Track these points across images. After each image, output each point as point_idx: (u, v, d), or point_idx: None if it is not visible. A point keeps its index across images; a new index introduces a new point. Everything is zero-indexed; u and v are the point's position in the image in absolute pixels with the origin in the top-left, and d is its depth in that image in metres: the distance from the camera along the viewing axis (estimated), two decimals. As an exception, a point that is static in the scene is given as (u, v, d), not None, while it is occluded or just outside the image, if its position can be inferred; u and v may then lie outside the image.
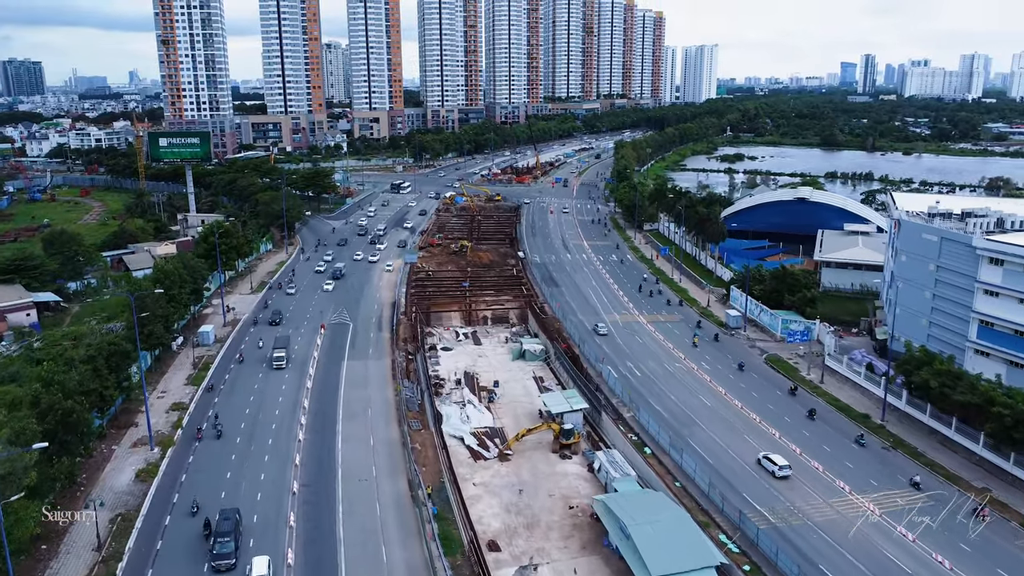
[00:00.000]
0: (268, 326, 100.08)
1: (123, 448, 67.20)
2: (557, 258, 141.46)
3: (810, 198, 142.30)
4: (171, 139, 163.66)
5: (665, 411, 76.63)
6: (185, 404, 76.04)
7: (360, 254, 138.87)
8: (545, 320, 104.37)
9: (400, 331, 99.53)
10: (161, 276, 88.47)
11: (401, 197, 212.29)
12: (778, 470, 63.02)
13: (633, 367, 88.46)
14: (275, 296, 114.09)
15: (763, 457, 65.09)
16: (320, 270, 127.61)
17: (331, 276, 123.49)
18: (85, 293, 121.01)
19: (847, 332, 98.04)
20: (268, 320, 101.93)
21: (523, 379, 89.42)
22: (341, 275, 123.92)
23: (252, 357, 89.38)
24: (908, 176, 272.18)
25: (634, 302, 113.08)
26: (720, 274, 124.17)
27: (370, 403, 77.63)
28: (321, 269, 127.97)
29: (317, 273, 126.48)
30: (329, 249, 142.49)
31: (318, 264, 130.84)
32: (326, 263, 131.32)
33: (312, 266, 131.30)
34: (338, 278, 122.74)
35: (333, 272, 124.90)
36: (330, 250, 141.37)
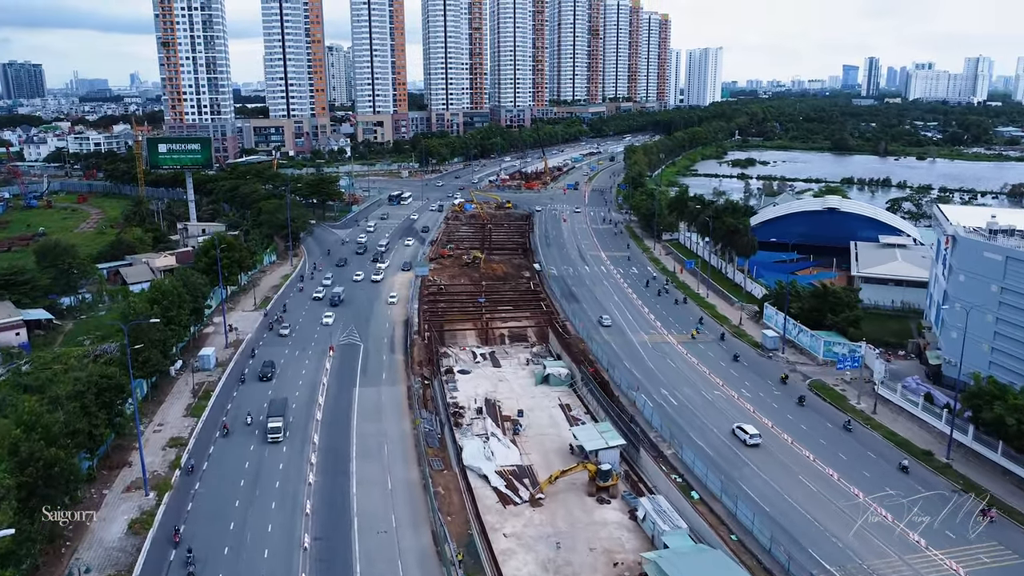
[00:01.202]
0: (258, 382, 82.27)
1: (115, 493, 60.67)
2: (575, 270, 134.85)
3: (841, 208, 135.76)
4: (170, 145, 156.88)
5: (709, 447, 70.06)
6: (184, 439, 69.47)
7: (360, 274, 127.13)
8: (568, 340, 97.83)
9: (414, 352, 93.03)
10: (158, 296, 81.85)
11: (401, 210, 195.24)
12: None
13: (668, 394, 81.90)
14: (265, 340, 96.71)
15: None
16: (318, 296, 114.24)
17: (329, 303, 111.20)
18: (79, 309, 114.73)
19: (893, 354, 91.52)
20: (257, 374, 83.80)
21: (549, 407, 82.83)
22: (340, 301, 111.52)
23: (240, 427, 72.44)
24: (926, 182, 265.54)
25: (662, 320, 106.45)
26: (750, 289, 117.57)
27: (386, 438, 71.09)
28: (319, 295, 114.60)
29: (315, 300, 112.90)
30: (328, 272, 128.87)
31: (316, 290, 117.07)
32: (324, 287, 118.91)
33: (309, 292, 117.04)
34: (336, 305, 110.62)
35: (331, 298, 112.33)
36: (328, 273, 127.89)
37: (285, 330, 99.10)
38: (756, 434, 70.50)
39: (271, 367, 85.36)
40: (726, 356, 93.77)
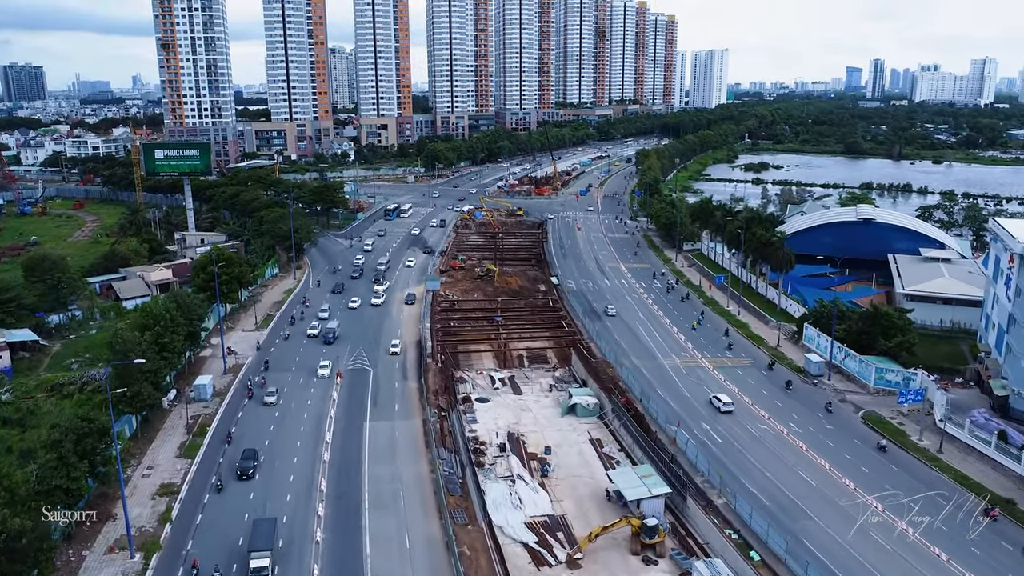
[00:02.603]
0: (236, 481, 63.18)
1: (95, 555, 53.30)
2: (595, 285, 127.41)
3: (877, 219, 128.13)
4: (168, 151, 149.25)
5: (762, 493, 62.64)
6: (175, 486, 62.13)
7: (356, 300, 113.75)
8: (595, 365, 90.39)
9: (429, 379, 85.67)
10: (149, 321, 74.47)
11: (399, 225, 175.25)
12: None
13: (710, 428, 74.50)
14: (245, 412, 76.55)
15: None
16: (313, 332, 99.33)
17: (323, 340, 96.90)
18: (68, 327, 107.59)
19: (950, 382, 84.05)
20: (236, 470, 64.12)
21: (578, 442, 75.44)
22: (335, 338, 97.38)
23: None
24: (947, 187, 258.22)
25: (693, 342, 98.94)
26: (784, 306, 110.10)
27: (401, 483, 63.71)
28: (315, 331, 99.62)
29: (310, 338, 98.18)
30: (323, 303, 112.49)
31: (311, 325, 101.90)
32: (320, 321, 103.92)
33: (302, 330, 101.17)
34: (332, 342, 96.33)
35: (325, 336, 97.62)
36: (325, 304, 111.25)
37: (271, 397, 78.74)
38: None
39: (252, 459, 65.31)
40: (766, 382, 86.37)
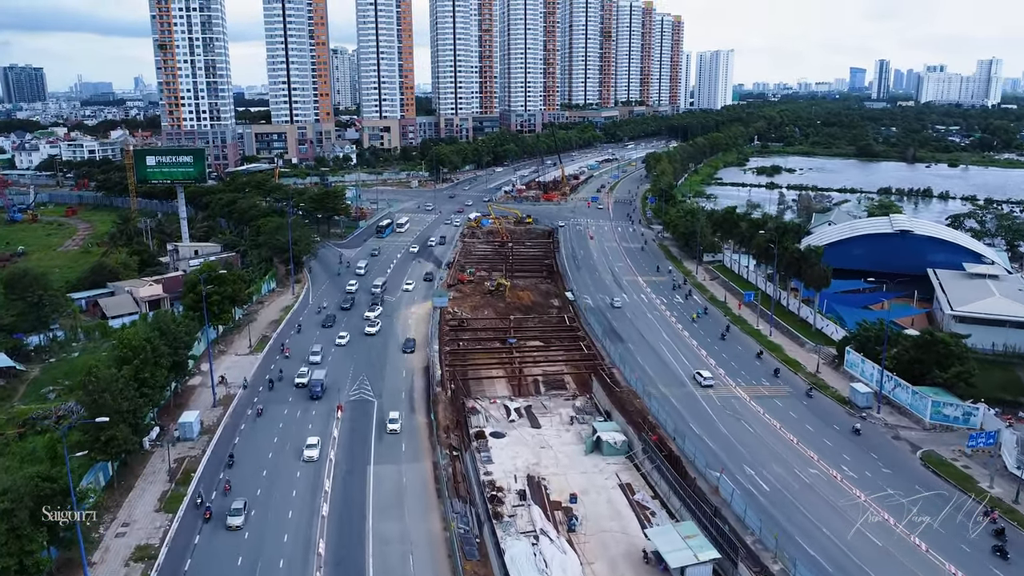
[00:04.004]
0: (224, 531, 55.71)
1: (55, 641, 45.71)
2: (613, 300, 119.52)
3: (915, 231, 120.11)
4: (160, 158, 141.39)
5: (824, 556, 54.82)
6: (153, 548, 54.45)
7: (344, 336, 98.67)
8: (619, 395, 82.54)
9: (439, 412, 77.89)
10: (128, 354, 66.71)
11: (394, 243, 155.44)
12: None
13: (755, 474, 66.68)
14: (201, 540, 55.96)
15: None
16: (302, 381, 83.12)
17: (311, 394, 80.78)
18: (49, 350, 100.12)
19: (1014, 416, 76.24)
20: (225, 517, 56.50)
21: (607, 487, 67.63)
22: (322, 392, 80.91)
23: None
24: (968, 192, 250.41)
25: (725, 367, 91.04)
26: (819, 326, 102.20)
27: (411, 544, 55.99)
28: (303, 379, 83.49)
29: (298, 389, 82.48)
30: (315, 343, 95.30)
31: (298, 373, 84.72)
32: (311, 366, 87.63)
33: (281, 397, 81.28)
34: (319, 397, 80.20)
35: (312, 389, 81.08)
36: (317, 346, 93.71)
37: (237, 518, 56.86)
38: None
39: (241, 511, 56.91)
40: (809, 416, 78.53)
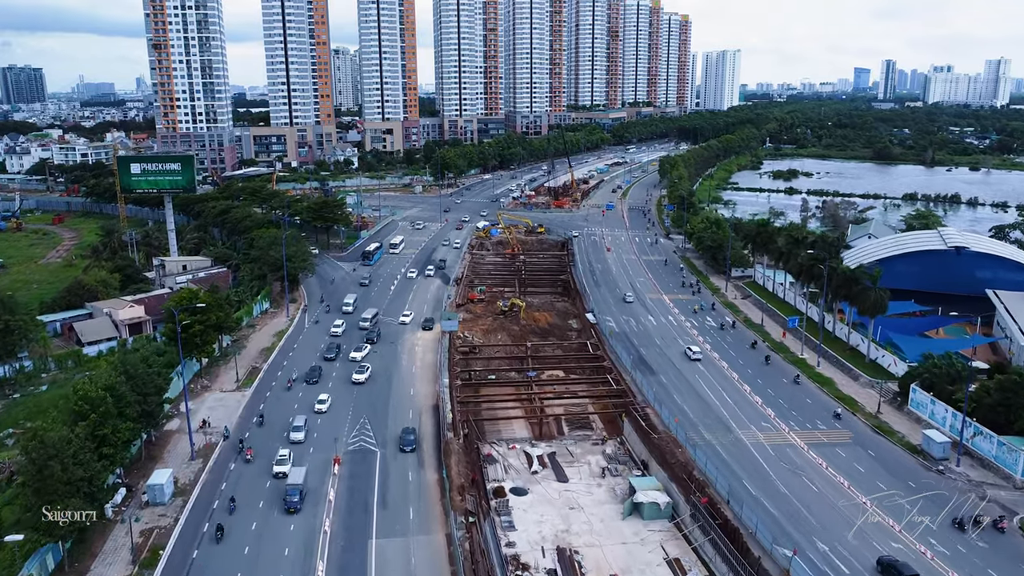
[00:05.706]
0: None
1: None
2: (638, 323, 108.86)
3: (971, 248, 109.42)
4: (145, 165, 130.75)
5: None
6: (104, 661, 44.14)
7: (325, 399, 78.71)
8: (657, 442, 71.97)
9: (451, 466, 67.38)
10: (85, 408, 56.24)
11: (380, 275, 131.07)
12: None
13: (828, 549, 56.15)
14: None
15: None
16: (283, 471, 64.22)
17: (285, 505, 59.62)
18: (15, 381, 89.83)
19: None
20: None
21: (651, 564, 57.13)
22: (301, 501, 60.37)
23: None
24: (998, 199, 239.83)
25: (774, 407, 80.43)
26: (874, 356, 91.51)
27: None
28: (284, 469, 64.48)
29: (276, 480, 63.73)
30: (296, 415, 75.29)
31: (279, 457, 66.09)
32: (291, 445, 69.35)
33: (257, 490, 62.95)
34: (296, 510, 59.65)
35: (287, 498, 59.93)
36: (300, 419, 73.46)
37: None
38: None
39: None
40: (879, 469, 67.84)
